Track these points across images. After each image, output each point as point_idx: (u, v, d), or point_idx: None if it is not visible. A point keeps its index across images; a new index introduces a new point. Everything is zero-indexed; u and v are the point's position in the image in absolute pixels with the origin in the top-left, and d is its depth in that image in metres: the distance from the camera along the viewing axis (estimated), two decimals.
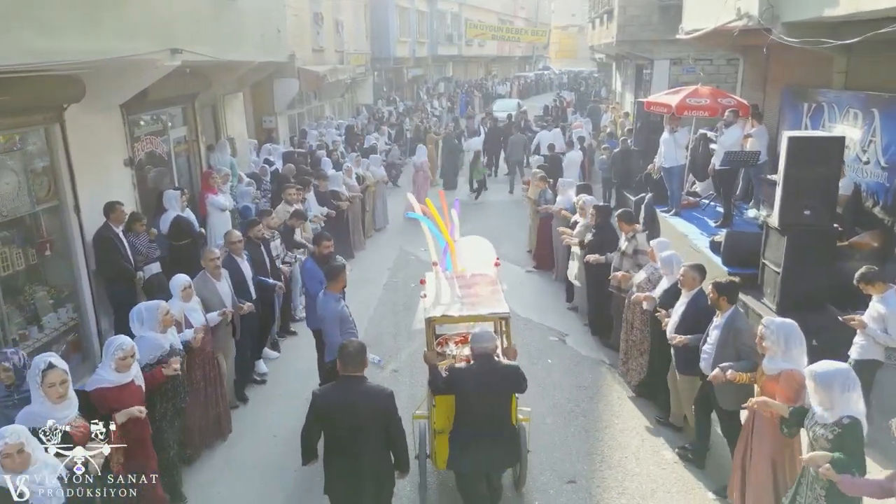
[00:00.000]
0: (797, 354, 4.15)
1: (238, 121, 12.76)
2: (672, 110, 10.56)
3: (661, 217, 11.16)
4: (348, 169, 11.59)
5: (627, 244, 7.18)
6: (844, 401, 3.50)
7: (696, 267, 5.57)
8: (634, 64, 20.01)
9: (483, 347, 4.46)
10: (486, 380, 4.37)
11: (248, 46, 9.78)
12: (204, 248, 6.51)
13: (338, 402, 3.96)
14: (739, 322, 4.96)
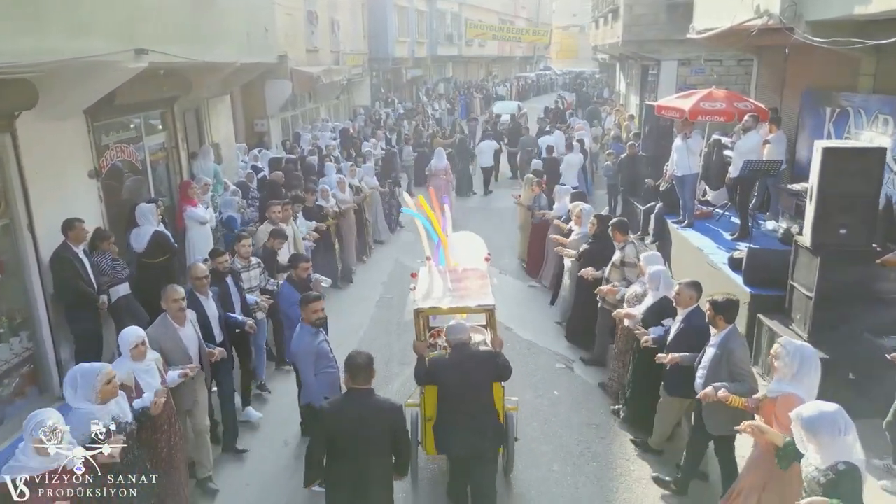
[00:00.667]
0: (807, 382, 3.91)
1: (224, 125, 12.08)
2: (685, 115, 9.88)
3: (672, 229, 10.47)
4: (341, 181, 10.63)
5: (618, 253, 6.87)
6: (837, 446, 3.18)
7: (692, 284, 5.27)
8: (640, 65, 19.33)
9: (458, 338, 4.64)
10: (463, 368, 4.54)
11: (230, 46, 9.10)
12: (167, 289, 5.16)
13: (347, 417, 3.88)
14: (733, 342, 4.66)
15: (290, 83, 16.66)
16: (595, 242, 7.57)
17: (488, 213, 14.87)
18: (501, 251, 11.92)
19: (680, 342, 5.15)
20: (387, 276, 10.69)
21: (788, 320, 6.77)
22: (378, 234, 12.46)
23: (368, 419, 3.87)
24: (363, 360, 3.95)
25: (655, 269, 5.85)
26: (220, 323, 5.79)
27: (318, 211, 9.48)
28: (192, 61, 7.63)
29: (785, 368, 3.94)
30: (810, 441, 3.24)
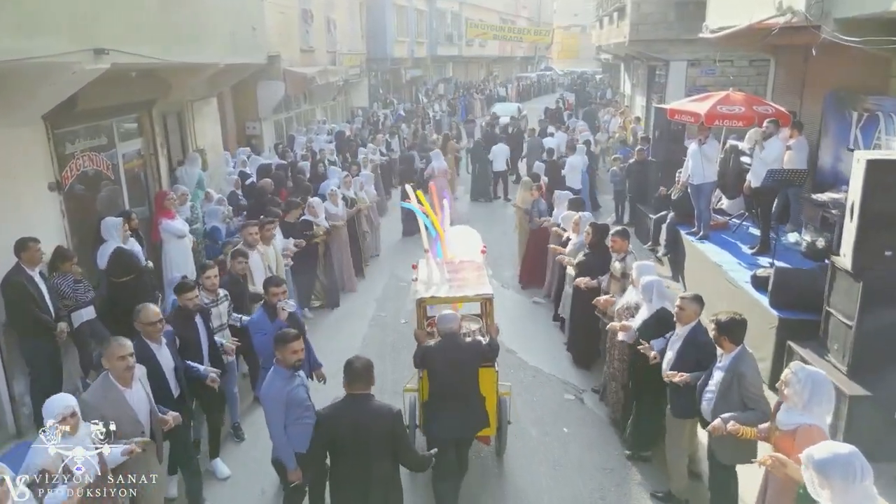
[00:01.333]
0: (818, 412, 3.66)
1: (211, 129, 11.42)
2: (700, 120, 9.21)
3: (686, 241, 9.81)
4: (333, 193, 9.59)
5: (617, 265, 6.43)
6: (853, 493, 2.83)
7: (694, 298, 4.91)
8: (646, 65, 18.68)
9: (448, 327, 4.86)
10: (452, 355, 4.76)
11: (211, 46, 8.44)
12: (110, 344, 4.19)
13: (344, 423, 3.82)
14: (744, 365, 4.33)
15: (283, 84, 16.03)
16: (591, 253, 7.10)
17: (492, 221, 14.20)
18: (503, 263, 11.29)
19: (684, 361, 4.79)
20: (380, 291, 10.01)
21: (823, 350, 6.09)
22: (375, 248, 11.68)
23: (367, 424, 3.79)
24: (361, 365, 3.87)
25: (648, 279, 5.46)
26: (178, 375, 4.85)
27: (303, 227, 8.64)
28: (164, 62, 6.95)
29: (795, 396, 3.69)
30: (822, 486, 2.92)
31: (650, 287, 5.41)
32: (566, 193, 10.04)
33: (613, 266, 6.55)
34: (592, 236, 7.16)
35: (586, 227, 7.44)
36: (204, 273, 5.81)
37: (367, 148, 14.71)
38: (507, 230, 13.17)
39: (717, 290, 8.33)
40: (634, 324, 5.51)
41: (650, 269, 5.84)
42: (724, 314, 4.47)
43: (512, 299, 9.62)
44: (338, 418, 3.85)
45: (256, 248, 7.00)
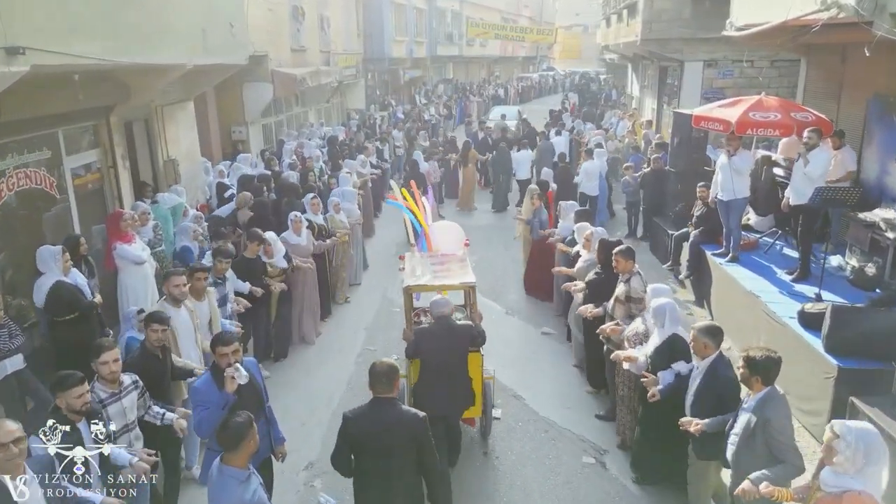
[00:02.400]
0: (873, 473, 3.20)
1: (186, 136, 10.39)
2: (731, 128, 8.16)
3: (712, 262, 8.76)
4: (296, 221, 7.97)
5: (623, 287, 5.86)
6: None
7: (708, 330, 4.40)
8: (658, 65, 17.63)
9: (441, 311, 5.16)
10: (444, 336, 5.04)
11: (173, 45, 7.39)
12: None
13: (369, 426, 3.76)
14: (772, 409, 3.83)
15: (270, 86, 15.00)
16: (603, 273, 6.41)
17: (494, 233, 13.15)
18: (507, 283, 10.26)
19: (703, 400, 4.35)
20: (371, 318, 8.96)
21: None
22: (355, 277, 10.14)
23: (392, 428, 3.74)
24: (383, 368, 3.81)
25: (660, 301, 4.97)
26: None
27: (259, 269, 7.10)
28: (106, 63, 5.89)
29: (847, 463, 3.20)
30: None
31: (662, 310, 4.91)
32: (572, 204, 9.13)
33: (618, 289, 5.92)
34: (601, 254, 6.50)
35: (595, 241, 6.85)
36: (99, 357, 4.03)
37: (355, 160, 13.34)
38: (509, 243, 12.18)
39: (753, 323, 7.29)
40: (645, 352, 5.05)
41: (664, 291, 5.34)
42: (758, 350, 3.96)
43: (517, 329, 8.57)
44: (363, 421, 3.78)
45: (184, 305, 5.35)
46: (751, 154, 8.44)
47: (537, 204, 9.51)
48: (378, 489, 3.84)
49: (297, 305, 7.87)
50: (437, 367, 5.02)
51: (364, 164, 13.27)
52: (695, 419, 4.25)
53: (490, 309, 9.16)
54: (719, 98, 14.75)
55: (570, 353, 7.74)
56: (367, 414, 3.80)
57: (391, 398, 3.81)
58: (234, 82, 14.68)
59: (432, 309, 5.25)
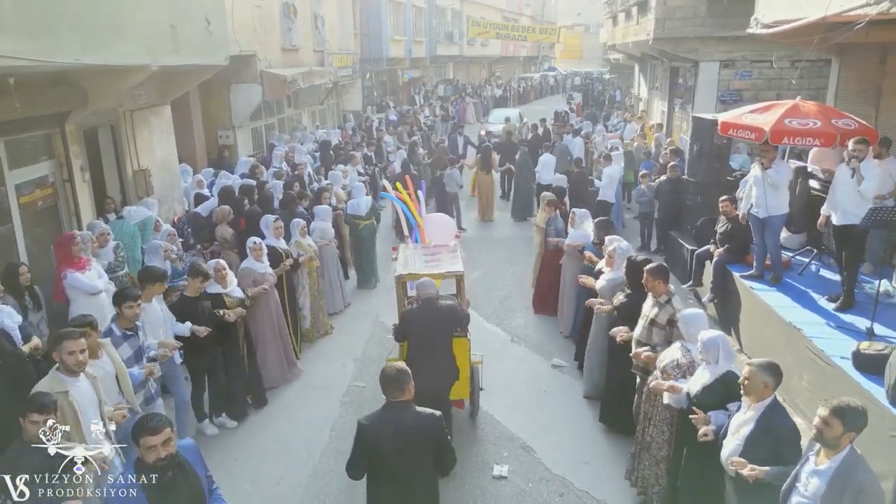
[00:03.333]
0: None
1: (160, 143, 9.51)
2: (765, 137, 7.26)
3: (741, 285, 7.87)
4: (255, 248, 6.83)
5: (659, 310, 5.18)
6: None
7: (769, 368, 3.81)
8: (669, 66, 16.74)
9: (427, 293, 5.41)
10: (430, 316, 5.32)
11: (134, 43, 6.50)
12: None
13: (386, 432, 3.67)
14: (863, 473, 3.23)
15: (259, 87, 14.13)
16: (634, 294, 5.67)
17: (509, 245, 12.26)
18: (513, 304, 9.37)
19: (755, 449, 3.73)
20: (360, 348, 8.05)
21: None
22: (332, 306, 8.88)
23: (408, 430, 3.68)
24: (393, 372, 3.74)
25: (712, 335, 4.30)
26: None
27: (198, 310, 5.92)
28: (48, 65, 4.99)
29: None
30: None
31: (714, 344, 4.25)
32: (585, 212, 8.27)
33: (653, 312, 5.21)
34: (630, 274, 5.75)
35: (622, 259, 6.15)
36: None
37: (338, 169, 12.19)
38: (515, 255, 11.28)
39: (794, 361, 6.39)
40: (688, 387, 4.41)
41: (702, 319, 4.70)
42: (842, 399, 3.36)
43: (525, 361, 7.67)
44: (379, 427, 3.73)
45: (83, 373, 4.09)
46: (788, 165, 7.52)
47: (551, 212, 8.75)
48: (394, 493, 3.78)
49: (261, 343, 6.87)
50: (423, 345, 5.26)
51: (347, 175, 12.06)
52: (745, 461, 3.68)
53: (493, 336, 8.29)
54: (736, 101, 13.91)
55: (578, 387, 6.88)
56: (383, 418, 3.74)
57: (406, 401, 3.75)
58: (220, 84, 13.81)
59: (418, 291, 5.50)
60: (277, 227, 7.44)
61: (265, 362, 6.86)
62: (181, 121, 13.13)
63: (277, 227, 7.44)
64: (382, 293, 9.67)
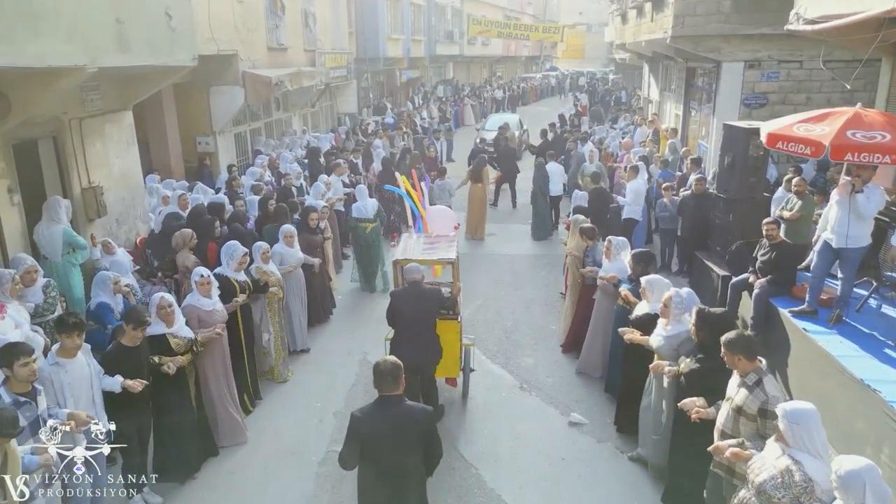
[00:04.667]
0: None
1: (119, 155, 8.34)
2: (823, 152, 6.08)
3: (787, 322, 6.70)
4: (202, 282, 5.64)
5: (747, 395, 3.99)
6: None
7: None
8: (685, 66, 15.56)
9: (412, 277, 5.85)
10: (414, 297, 5.76)
11: (61, 40, 5.31)
12: None
13: (379, 425, 3.74)
14: None
15: (241, 90, 12.97)
16: (709, 361, 4.55)
17: (498, 264, 11.08)
18: (520, 339, 8.19)
19: None
20: (342, 398, 6.82)
21: None
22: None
23: (400, 424, 3.74)
24: (388, 367, 3.80)
25: (853, 467, 2.93)
26: None
27: (138, 359, 4.84)
28: None
29: None
30: None
31: (858, 482, 2.88)
32: (623, 241, 7.06)
33: (739, 396, 4.03)
34: (704, 331, 4.60)
35: (680, 309, 5.07)
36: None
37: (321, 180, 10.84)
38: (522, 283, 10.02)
39: (869, 427, 5.23)
40: None
41: (815, 420, 3.34)
42: None
43: (536, 415, 6.48)
44: (372, 420, 3.76)
45: None
46: (882, 192, 6.26)
47: (589, 242, 7.51)
48: (386, 487, 3.80)
49: (216, 388, 5.73)
50: (408, 324, 5.70)
51: (334, 185, 10.88)
52: None
53: (499, 381, 7.13)
54: (762, 104, 12.73)
55: (611, 454, 5.74)
56: (376, 412, 3.79)
57: (398, 395, 3.81)
58: (198, 86, 12.69)
59: (406, 275, 5.94)
60: (242, 263, 6.27)
61: (214, 416, 5.71)
62: (154, 127, 12.01)
63: (242, 263, 6.28)
64: (372, 324, 8.50)
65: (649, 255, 6.46)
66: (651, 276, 5.75)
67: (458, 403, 6.68)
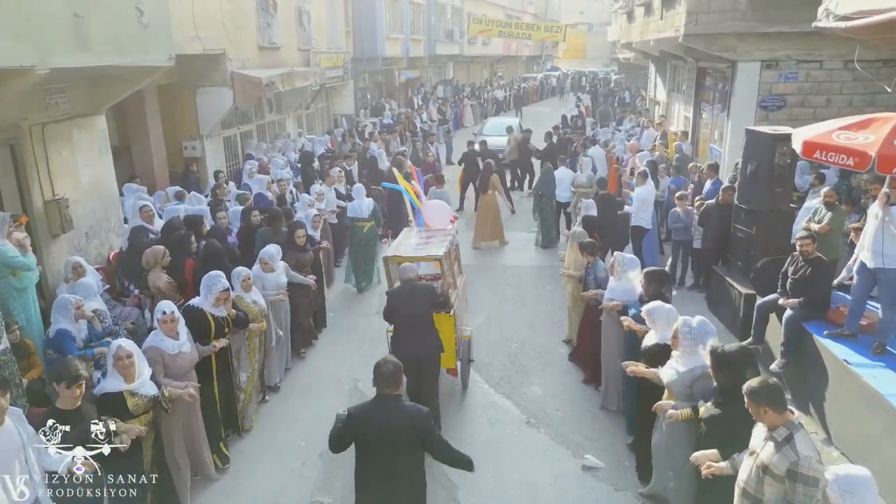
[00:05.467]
0: None
1: (90, 163, 7.67)
2: (869, 163, 5.41)
3: (826, 352, 6.03)
4: (165, 319, 4.86)
5: (774, 452, 3.40)
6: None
7: None
8: (695, 66, 14.88)
9: (406, 275, 6.03)
10: (409, 295, 5.92)
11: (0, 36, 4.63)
12: None
13: (374, 421, 3.80)
14: None
15: (230, 91, 12.28)
16: (728, 406, 3.98)
17: (502, 276, 10.40)
18: (527, 359, 7.49)
19: None
20: (319, 435, 6.17)
21: None
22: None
23: (396, 423, 3.78)
24: (390, 368, 3.84)
25: None
26: None
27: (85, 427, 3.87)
28: None
29: None
30: None
31: None
32: (632, 259, 6.35)
33: (765, 452, 3.46)
34: (722, 373, 4.06)
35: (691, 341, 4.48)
36: None
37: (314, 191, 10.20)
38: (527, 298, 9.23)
39: None
40: None
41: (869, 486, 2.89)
42: None
43: (545, 456, 5.77)
44: (367, 417, 3.82)
45: None
46: None
47: (590, 259, 6.85)
48: (382, 488, 3.84)
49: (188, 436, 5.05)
50: (405, 319, 5.86)
51: (324, 197, 10.07)
52: None
53: (504, 415, 6.47)
54: (779, 106, 12.04)
55: None
56: (373, 410, 3.83)
57: (396, 395, 3.86)
58: (184, 87, 12.02)
59: (400, 273, 6.10)
60: (221, 298, 5.43)
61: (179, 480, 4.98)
62: (136, 132, 11.32)
63: (221, 297, 5.44)
64: (365, 345, 7.83)
65: (663, 275, 5.75)
66: (651, 305, 5.06)
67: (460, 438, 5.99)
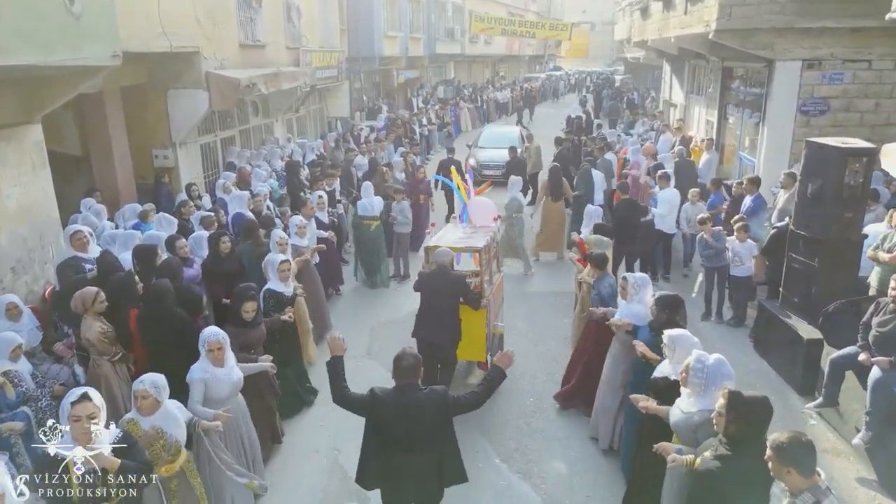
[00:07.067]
0: None
1: (21, 183, 6.37)
2: None
3: None
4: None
5: None
6: None
7: None
8: (720, 65, 13.57)
9: (441, 260, 6.09)
10: (440, 280, 6.01)
11: None
12: None
13: (395, 410, 3.82)
14: None
15: (206, 94, 10.99)
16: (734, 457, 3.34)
17: (528, 304, 9.06)
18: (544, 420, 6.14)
19: None
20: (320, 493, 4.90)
21: None
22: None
23: (417, 411, 3.81)
24: (410, 361, 3.87)
25: None
26: None
27: None
28: None
29: None
30: None
31: None
32: (644, 279, 5.36)
33: None
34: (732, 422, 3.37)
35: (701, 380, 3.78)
36: None
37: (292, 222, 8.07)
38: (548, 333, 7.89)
39: None
40: None
41: None
42: None
43: None
44: (390, 404, 3.83)
45: None
46: None
47: (598, 273, 6.23)
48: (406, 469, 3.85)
49: None
50: (430, 303, 6.03)
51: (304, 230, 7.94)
52: None
53: (520, 502, 5.14)
54: (822, 111, 10.75)
55: None
56: (394, 398, 3.85)
57: (414, 382, 3.88)
58: (153, 89, 10.74)
59: (434, 257, 6.22)
60: (284, 271, 6.13)
61: None
62: (95, 140, 10.02)
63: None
64: None
65: (677, 301, 4.79)
66: (676, 332, 4.25)
67: None
